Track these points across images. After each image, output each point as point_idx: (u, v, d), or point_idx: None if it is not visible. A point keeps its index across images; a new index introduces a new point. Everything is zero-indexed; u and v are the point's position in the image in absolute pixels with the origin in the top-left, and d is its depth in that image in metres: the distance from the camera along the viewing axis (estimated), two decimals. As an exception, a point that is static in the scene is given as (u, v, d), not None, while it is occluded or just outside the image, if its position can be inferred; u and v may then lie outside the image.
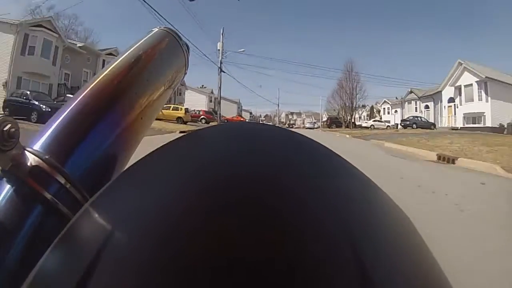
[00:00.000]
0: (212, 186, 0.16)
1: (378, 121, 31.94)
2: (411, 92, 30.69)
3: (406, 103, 31.55)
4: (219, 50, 22.97)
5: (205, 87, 39.75)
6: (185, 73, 0.50)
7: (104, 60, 21.07)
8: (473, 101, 20.65)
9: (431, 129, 20.90)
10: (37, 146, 0.28)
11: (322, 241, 0.14)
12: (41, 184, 0.25)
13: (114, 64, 0.37)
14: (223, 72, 22.97)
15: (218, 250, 0.13)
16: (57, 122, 0.31)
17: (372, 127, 28.32)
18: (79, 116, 0.31)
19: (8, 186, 0.25)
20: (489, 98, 19.45)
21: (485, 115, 19.79)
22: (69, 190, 0.27)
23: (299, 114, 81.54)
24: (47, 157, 0.26)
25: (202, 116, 24.92)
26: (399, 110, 32.74)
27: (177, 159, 0.20)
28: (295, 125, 65.36)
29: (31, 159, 0.26)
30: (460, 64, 21.68)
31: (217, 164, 0.18)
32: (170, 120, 18.14)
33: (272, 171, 0.17)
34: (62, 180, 0.26)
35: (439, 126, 23.20)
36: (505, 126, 17.88)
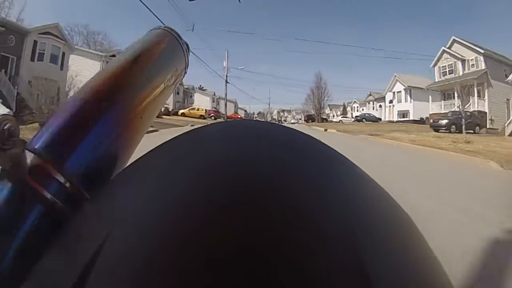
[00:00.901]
0: (212, 187, 0.16)
1: (345, 117, 41.00)
2: (370, 94, 39.56)
3: (367, 103, 40.40)
4: (224, 67, 31.37)
5: (205, 89, 47.76)
6: (186, 72, 0.51)
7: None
8: (401, 102, 29.44)
9: (377, 122, 29.56)
10: (38, 145, 0.28)
11: (322, 241, 0.14)
12: (41, 184, 0.25)
13: (114, 63, 0.38)
14: (228, 83, 31.43)
15: (218, 250, 0.13)
16: (57, 121, 0.30)
17: (341, 121, 36.96)
18: (79, 115, 0.31)
19: (8, 186, 0.25)
20: (412, 100, 28.18)
21: (409, 112, 28.56)
22: (69, 190, 0.26)
23: (289, 111, 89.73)
24: (47, 156, 0.26)
25: (211, 114, 33.13)
26: (365, 108, 41.58)
27: (176, 158, 0.20)
28: (286, 121, 73.56)
29: (31, 158, 0.26)
30: (395, 76, 30.40)
31: (217, 164, 0.18)
32: (194, 117, 26.32)
33: (272, 170, 0.17)
34: (62, 180, 0.26)
35: (384, 120, 31.98)
36: (424, 119, 25.84)
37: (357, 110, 44.63)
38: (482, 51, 20.30)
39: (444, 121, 15.64)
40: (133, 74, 0.37)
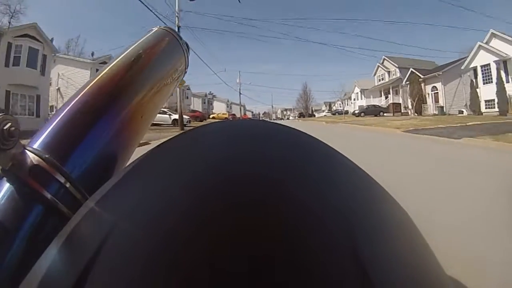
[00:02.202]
0: (212, 186, 0.16)
1: (329, 111, 54.23)
2: (345, 94, 52.39)
3: (344, 100, 53.16)
4: (237, 82, 45.48)
5: (217, 96, 61.64)
6: (185, 72, 0.51)
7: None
8: (359, 99, 42.27)
9: (344, 114, 42.32)
10: (37, 145, 0.28)
11: (323, 242, 0.14)
12: (41, 184, 0.25)
13: (114, 63, 0.37)
14: (241, 94, 45.46)
15: (219, 250, 0.13)
16: (57, 121, 0.30)
17: (325, 115, 50.04)
18: (79, 115, 0.31)
19: (8, 186, 0.25)
20: (364, 98, 40.84)
21: (363, 106, 41.46)
22: (69, 190, 0.26)
23: (291, 109, 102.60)
24: (47, 156, 0.26)
25: (231, 117, 38.82)
26: (341, 104, 54.34)
27: (177, 158, 0.20)
28: (288, 118, 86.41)
29: (31, 158, 0.25)
30: (354, 82, 43.28)
31: (217, 164, 0.18)
32: (221, 119, 36.06)
33: (272, 170, 0.17)
34: (62, 179, 0.26)
35: (350, 112, 44.80)
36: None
37: (340, 106, 57.59)
38: (397, 65, 32.93)
39: (357, 111, 28.78)
40: (133, 74, 0.37)
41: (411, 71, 26.39)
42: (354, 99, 44.72)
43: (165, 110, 17.84)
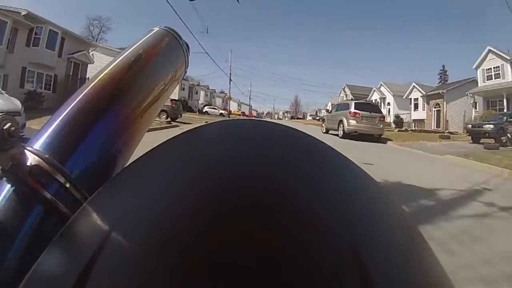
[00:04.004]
0: (212, 186, 0.16)
1: (317, 116, 68.60)
2: (330, 102, 66.97)
3: (329, 107, 67.71)
4: (248, 90, 59.57)
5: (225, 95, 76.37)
6: (185, 72, 0.50)
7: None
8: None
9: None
10: (37, 145, 0.28)
11: (323, 242, 0.14)
12: (41, 184, 0.25)
13: (114, 63, 0.37)
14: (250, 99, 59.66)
15: (219, 250, 0.13)
16: (57, 121, 0.30)
17: (309, 119, 63.18)
18: (79, 115, 0.31)
19: (8, 186, 0.25)
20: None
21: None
22: (69, 190, 0.26)
23: (291, 112, 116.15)
24: (47, 156, 0.26)
25: (242, 114, 47.92)
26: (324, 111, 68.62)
27: (177, 158, 0.20)
28: (286, 118, 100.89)
29: (31, 158, 0.25)
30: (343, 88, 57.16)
31: (217, 164, 0.18)
32: (237, 115, 40.28)
33: (273, 171, 0.17)
34: (62, 180, 0.26)
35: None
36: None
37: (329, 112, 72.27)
38: (349, 92, 46.87)
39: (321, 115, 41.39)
40: (133, 74, 0.37)
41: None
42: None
43: (215, 107, 32.87)
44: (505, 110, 15.39)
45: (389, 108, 30.44)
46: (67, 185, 0.26)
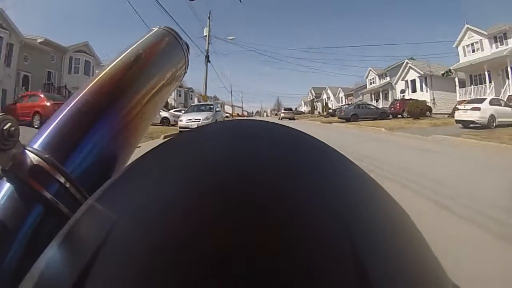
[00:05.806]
0: (212, 186, 0.16)
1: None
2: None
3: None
4: (240, 96, 58.58)
5: (219, 99, 75.54)
6: (185, 72, 0.50)
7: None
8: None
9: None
10: (37, 145, 0.28)
11: (322, 241, 0.14)
12: (41, 184, 0.25)
13: (114, 63, 0.37)
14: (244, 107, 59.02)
15: (219, 250, 0.13)
16: (57, 121, 0.30)
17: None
18: (79, 115, 0.31)
19: (8, 186, 0.25)
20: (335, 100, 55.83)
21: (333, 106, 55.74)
22: (69, 190, 0.26)
23: (278, 110, 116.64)
24: (47, 156, 0.26)
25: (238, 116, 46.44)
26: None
27: (177, 158, 0.20)
28: (277, 115, 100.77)
29: (31, 158, 0.25)
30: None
31: (217, 164, 0.18)
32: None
33: (271, 171, 0.17)
34: (62, 180, 0.26)
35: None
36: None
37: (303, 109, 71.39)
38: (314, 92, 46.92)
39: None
40: (133, 74, 0.37)
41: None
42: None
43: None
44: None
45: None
46: (67, 185, 0.26)
